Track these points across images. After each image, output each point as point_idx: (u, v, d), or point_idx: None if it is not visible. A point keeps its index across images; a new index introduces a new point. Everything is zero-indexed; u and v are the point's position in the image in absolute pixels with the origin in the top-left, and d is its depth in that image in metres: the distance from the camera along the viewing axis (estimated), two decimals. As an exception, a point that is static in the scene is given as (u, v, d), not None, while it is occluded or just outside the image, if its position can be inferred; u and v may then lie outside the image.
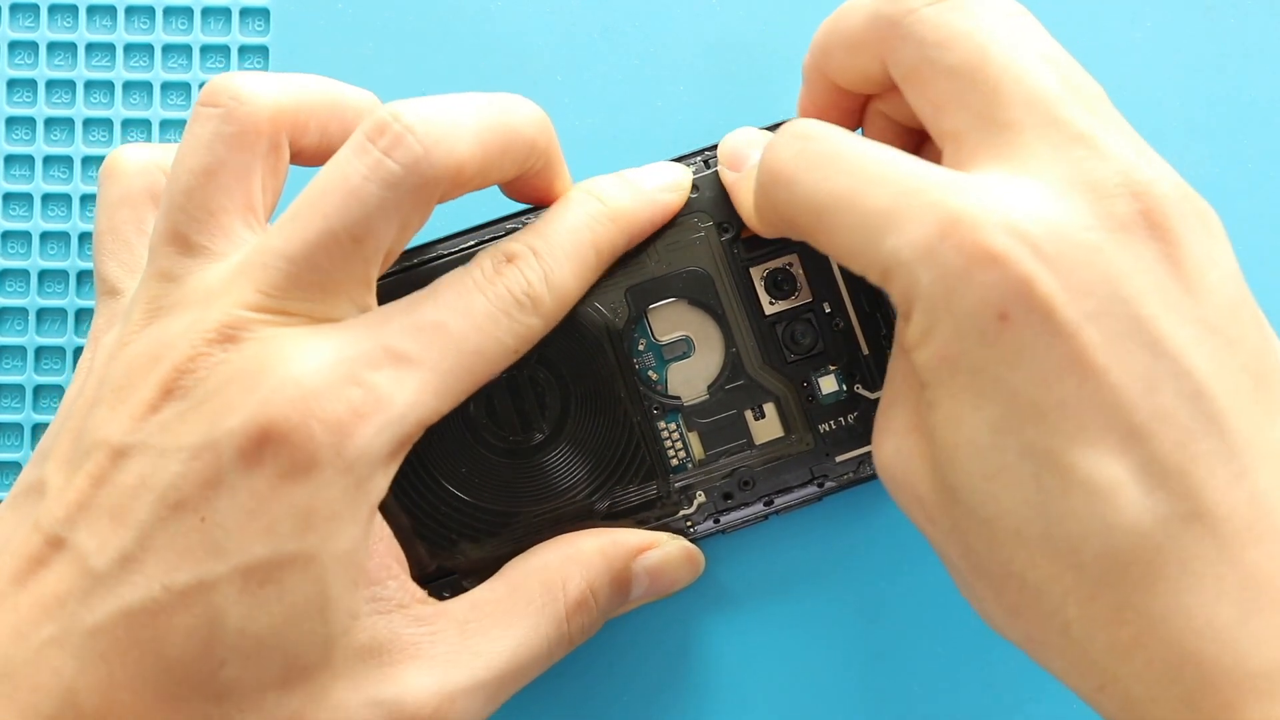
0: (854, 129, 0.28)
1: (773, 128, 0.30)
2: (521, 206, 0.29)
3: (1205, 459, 0.22)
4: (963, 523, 0.23)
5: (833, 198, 0.24)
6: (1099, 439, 0.22)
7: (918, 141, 0.29)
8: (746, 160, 0.29)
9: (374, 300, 0.26)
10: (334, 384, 0.24)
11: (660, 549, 0.29)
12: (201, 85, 0.32)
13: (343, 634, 0.25)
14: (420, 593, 0.26)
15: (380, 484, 0.25)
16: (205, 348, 0.24)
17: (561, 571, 0.28)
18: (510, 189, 0.29)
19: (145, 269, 0.26)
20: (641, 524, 0.29)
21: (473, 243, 0.30)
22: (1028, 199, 0.22)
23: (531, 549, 0.28)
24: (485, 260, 0.27)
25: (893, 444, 0.25)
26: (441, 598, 0.27)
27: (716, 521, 0.30)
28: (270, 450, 0.24)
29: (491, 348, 0.26)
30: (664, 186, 0.29)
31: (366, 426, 0.24)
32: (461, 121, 0.25)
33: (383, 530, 0.26)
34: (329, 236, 0.24)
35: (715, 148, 0.30)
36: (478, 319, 0.26)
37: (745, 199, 0.28)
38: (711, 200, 0.30)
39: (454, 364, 0.25)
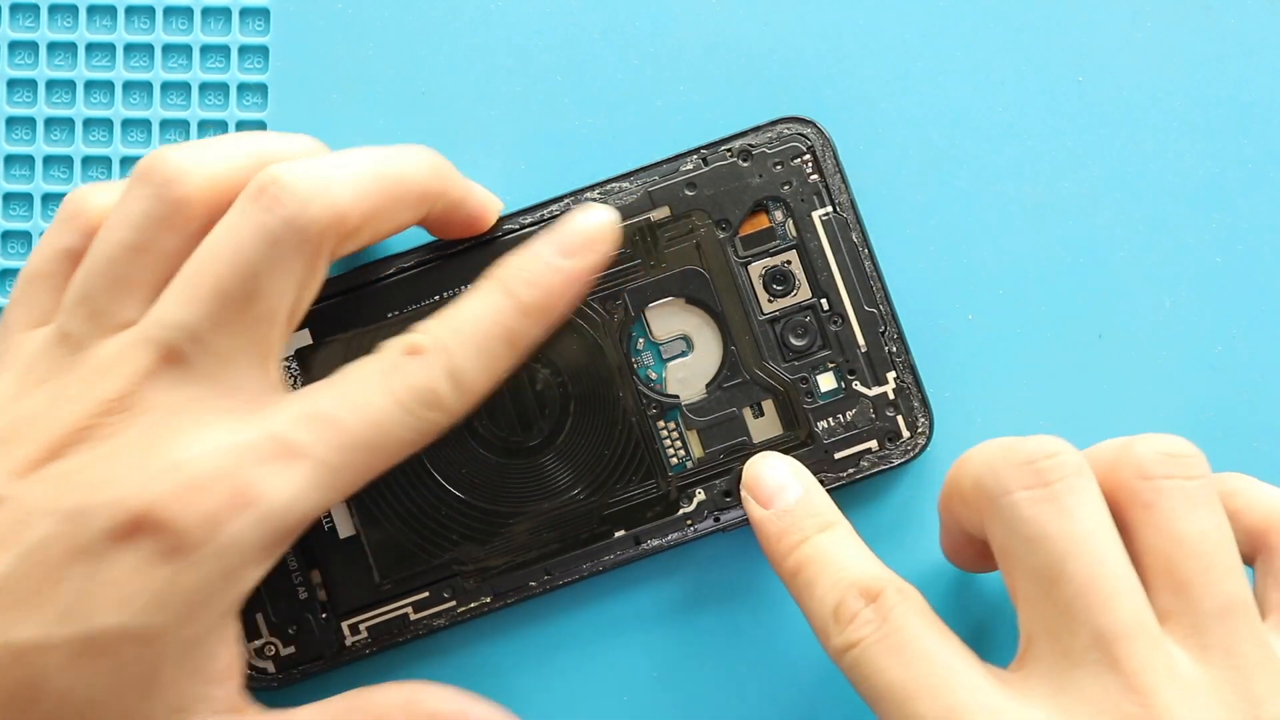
0: (989, 566, 0.28)
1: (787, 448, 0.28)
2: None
3: None
4: None
5: (889, 689, 0.24)
6: None
7: None
8: (779, 497, 0.28)
9: (275, 368, 0.26)
10: (215, 473, 0.24)
11: None
12: (202, 85, 0.32)
13: None
14: (244, 705, 0.26)
15: (249, 576, 0.25)
16: (98, 417, 0.25)
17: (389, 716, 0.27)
18: (433, 229, 0.29)
19: (51, 327, 0.26)
20: (641, 523, 0.29)
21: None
22: None
23: (379, 685, 0.27)
24: (391, 348, 0.26)
25: None
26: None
27: (716, 520, 0.29)
28: (142, 532, 0.24)
29: (386, 444, 0.26)
30: (580, 252, 0.28)
31: (242, 519, 0.24)
32: (337, 175, 0.26)
33: (235, 632, 0.26)
34: (222, 298, 0.25)
35: (712, 145, 0.30)
36: (373, 414, 0.25)
37: (774, 543, 0.27)
38: (709, 198, 0.30)
39: (345, 459, 0.25)
